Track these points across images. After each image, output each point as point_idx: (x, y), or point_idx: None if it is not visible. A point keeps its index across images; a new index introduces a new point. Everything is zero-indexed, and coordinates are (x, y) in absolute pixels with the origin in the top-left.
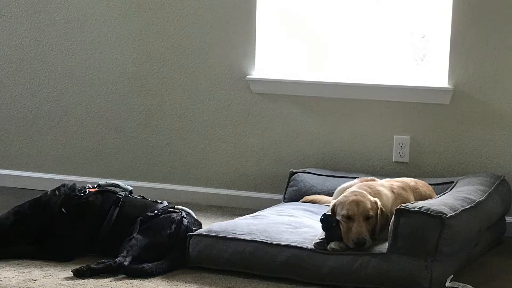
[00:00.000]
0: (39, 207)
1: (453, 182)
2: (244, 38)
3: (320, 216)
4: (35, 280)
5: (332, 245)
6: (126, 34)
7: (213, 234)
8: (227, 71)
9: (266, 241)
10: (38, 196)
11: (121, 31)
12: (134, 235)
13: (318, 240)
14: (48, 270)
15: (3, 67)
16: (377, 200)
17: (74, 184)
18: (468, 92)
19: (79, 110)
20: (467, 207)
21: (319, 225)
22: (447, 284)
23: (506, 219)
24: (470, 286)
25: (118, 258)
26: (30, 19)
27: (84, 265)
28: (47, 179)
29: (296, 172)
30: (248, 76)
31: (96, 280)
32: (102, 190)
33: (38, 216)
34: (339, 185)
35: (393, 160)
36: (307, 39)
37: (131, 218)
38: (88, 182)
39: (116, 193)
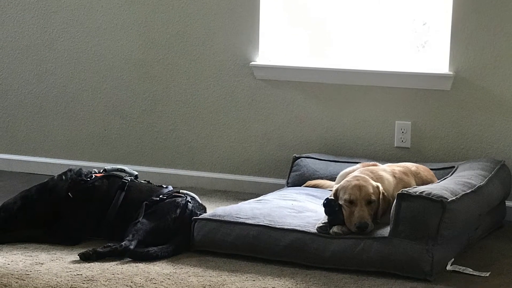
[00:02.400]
0: (46, 192)
1: (454, 167)
2: (248, 25)
3: (323, 201)
4: (42, 264)
5: (335, 229)
6: (131, 21)
7: (218, 218)
8: (231, 58)
9: (269, 225)
10: (45, 180)
11: (126, 18)
12: (140, 219)
13: (321, 224)
14: (55, 254)
15: (10, 53)
16: (379, 184)
17: (80, 169)
18: (469, 78)
19: (85, 96)
20: (468, 191)
21: (322, 209)
22: (448, 267)
23: (506, 203)
24: (471, 269)
25: (123, 242)
26: (37, 6)
27: (90, 248)
28: (54, 164)
29: (299, 157)
30: (252, 63)
31: (102, 264)
32: (108, 175)
33: (45, 200)
34: (341, 170)
35: (395, 145)
36: (310, 26)
37: (137, 203)
38: (94, 167)
39: (121, 177)
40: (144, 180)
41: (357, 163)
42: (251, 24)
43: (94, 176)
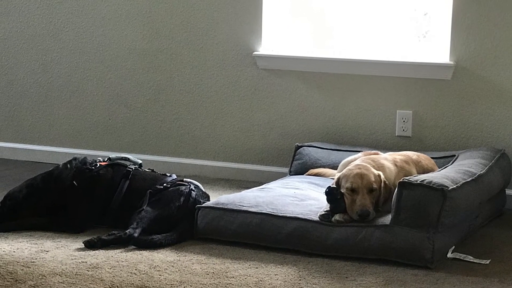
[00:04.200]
0: (51, 180)
1: (454, 155)
2: (251, 15)
3: (325, 189)
4: (47, 251)
5: (337, 217)
6: (136, 11)
7: (221, 206)
8: (234, 48)
9: (272, 213)
10: (50, 169)
11: (131, 8)
12: (144, 207)
13: (323, 212)
14: (60, 242)
15: (16, 43)
16: (381, 173)
17: (85, 157)
18: (469, 68)
19: (90, 86)
20: (468, 180)
21: (324, 197)
22: (449, 255)
23: (506, 191)
24: (471, 257)
25: (128, 230)
26: None
27: (95, 236)
28: (59, 152)
29: (301, 146)
30: (255, 52)
31: (106, 251)
32: (113, 164)
33: (50, 189)
34: (343, 159)
35: (396, 134)
36: (312, 16)
37: (141, 191)
38: (99, 156)
39: (126, 166)
40: (148, 169)
41: (359, 151)
42: (254, 14)
43: (98, 165)
